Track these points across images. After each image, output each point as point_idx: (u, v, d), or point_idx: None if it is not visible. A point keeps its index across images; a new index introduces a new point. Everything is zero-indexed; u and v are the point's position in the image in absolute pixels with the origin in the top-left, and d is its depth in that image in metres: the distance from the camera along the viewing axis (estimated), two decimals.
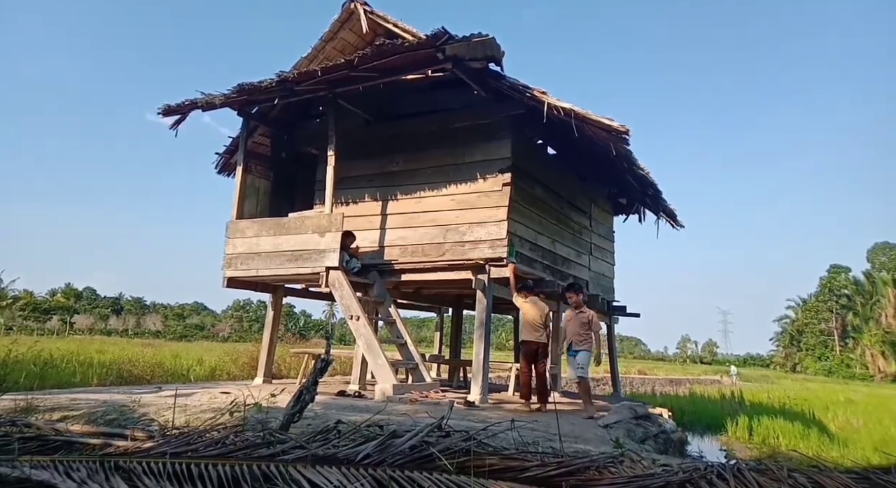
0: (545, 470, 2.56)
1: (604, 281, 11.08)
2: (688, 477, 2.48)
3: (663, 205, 10.67)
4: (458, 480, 2.49)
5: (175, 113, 8.21)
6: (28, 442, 3.30)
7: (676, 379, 28.69)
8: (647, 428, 7.28)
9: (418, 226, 8.11)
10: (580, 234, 10.11)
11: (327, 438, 3.17)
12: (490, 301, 7.56)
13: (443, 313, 12.74)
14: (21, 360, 10.23)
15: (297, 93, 7.65)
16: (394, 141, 8.63)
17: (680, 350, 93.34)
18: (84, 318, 63.18)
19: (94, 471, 2.81)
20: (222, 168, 10.26)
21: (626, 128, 6.51)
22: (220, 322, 72.95)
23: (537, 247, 8.47)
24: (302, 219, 8.21)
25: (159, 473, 2.74)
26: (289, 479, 2.61)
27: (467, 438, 2.96)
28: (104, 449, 3.23)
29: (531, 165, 8.48)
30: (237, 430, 3.39)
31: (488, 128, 7.85)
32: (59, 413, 5.23)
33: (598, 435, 5.41)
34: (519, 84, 6.88)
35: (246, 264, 8.22)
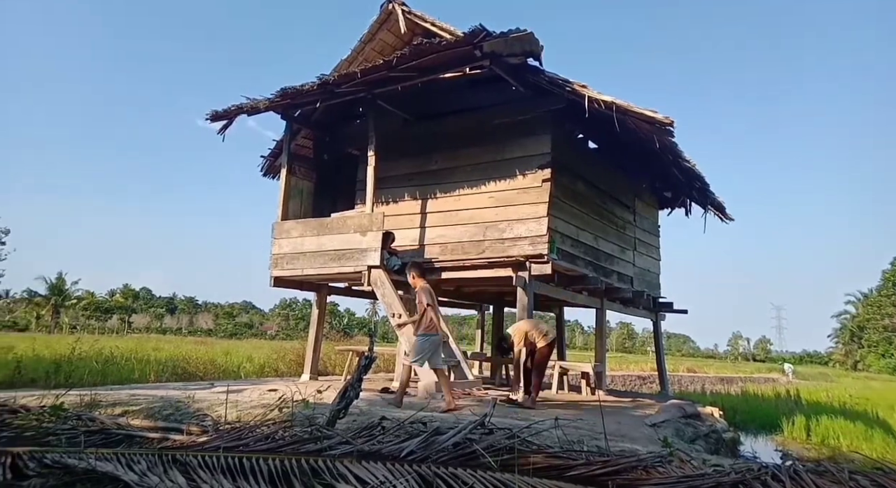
0: (591, 468, 2.53)
1: (649, 277, 10.82)
2: (740, 477, 2.40)
3: (711, 198, 10.33)
4: (502, 477, 2.49)
5: (222, 118, 8.50)
6: (93, 436, 3.49)
7: (728, 378, 27.72)
8: (697, 428, 7.09)
9: (457, 224, 8.13)
10: (624, 230, 9.91)
11: (372, 434, 3.22)
12: (531, 298, 7.50)
13: (484, 310, 12.72)
14: (85, 358, 10.82)
15: (337, 95, 7.78)
16: (432, 139, 8.67)
17: (731, 347, 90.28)
18: (141, 317, 66.20)
19: (153, 464, 2.95)
20: (267, 170, 10.54)
21: (670, 119, 6.34)
22: (267, 320, 75.07)
23: (579, 243, 8.35)
24: (344, 218, 8.35)
25: (213, 467, 2.85)
26: (336, 474, 2.67)
27: (511, 436, 2.95)
28: (162, 442, 3.38)
29: (572, 160, 8.36)
30: (286, 426, 3.49)
31: (527, 124, 7.78)
32: (120, 408, 5.50)
33: (645, 434, 5.30)
34: (558, 78, 6.79)
35: (291, 264, 8.43)
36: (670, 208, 11.59)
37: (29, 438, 3.39)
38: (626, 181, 10.17)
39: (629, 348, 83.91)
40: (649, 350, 41.47)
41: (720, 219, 11.05)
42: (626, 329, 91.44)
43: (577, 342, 77.85)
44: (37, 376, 8.87)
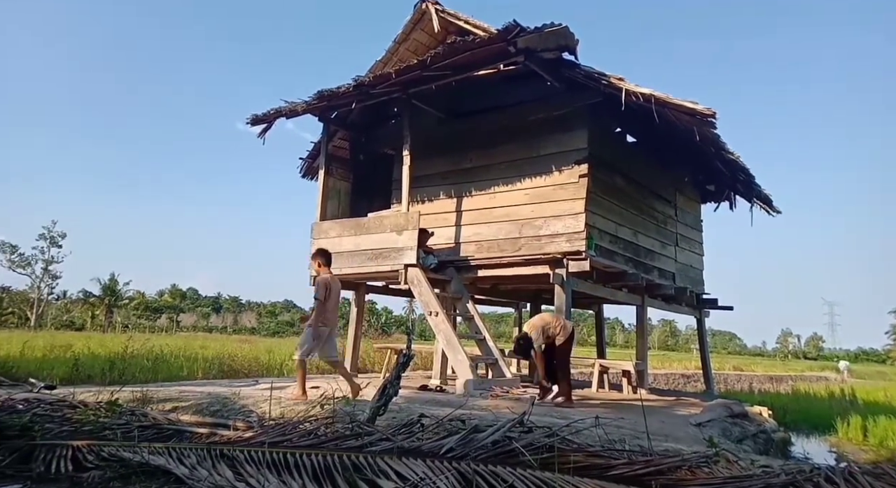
0: (633, 468, 2.49)
1: (692, 273, 10.54)
2: (791, 479, 2.32)
3: (757, 191, 9.97)
4: (542, 476, 2.47)
5: (262, 122, 8.71)
6: (145, 430, 3.65)
7: (777, 376, 26.77)
8: (745, 428, 6.88)
9: (493, 222, 8.10)
10: (664, 224, 9.68)
11: (411, 431, 3.26)
12: (569, 295, 7.41)
13: (521, 308, 12.64)
14: (136, 355, 11.27)
15: (372, 96, 7.87)
16: (466, 137, 8.66)
17: (780, 345, 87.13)
18: (188, 316, 68.57)
19: (202, 458, 3.06)
20: (306, 172, 10.75)
21: (711, 111, 6.15)
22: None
23: (618, 239, 8.20)
24: (380, 218, 8.44)
25: (259, 461, 2.94)
26: (377, 470, 2.71)
27: (550, 434, 2.93)
28: (210, 437, 3.50)
29: (609, 155, 8.22)
30: (328, 422, 3.56)
31: (563, 119, 7.69)
32: (170, 404, 5.71)
33: (689, 434, 5.17)
34: (594, 72, 6.68)
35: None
36: (714, 202, 11.25)
37: (87, 432, 3.57)
38: (667, 175, 9.92)
39: (672, 346, 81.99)
40: (693, 348, 40.39)
41: (767, 212, 10.66)
42: (668, 326, 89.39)
43: (617, 340, 76.57)
44: (93, 373, 9.30)
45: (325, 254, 6.68)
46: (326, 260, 6.63)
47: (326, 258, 6.64)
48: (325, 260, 6.60)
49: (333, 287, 6.39)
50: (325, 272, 6.48)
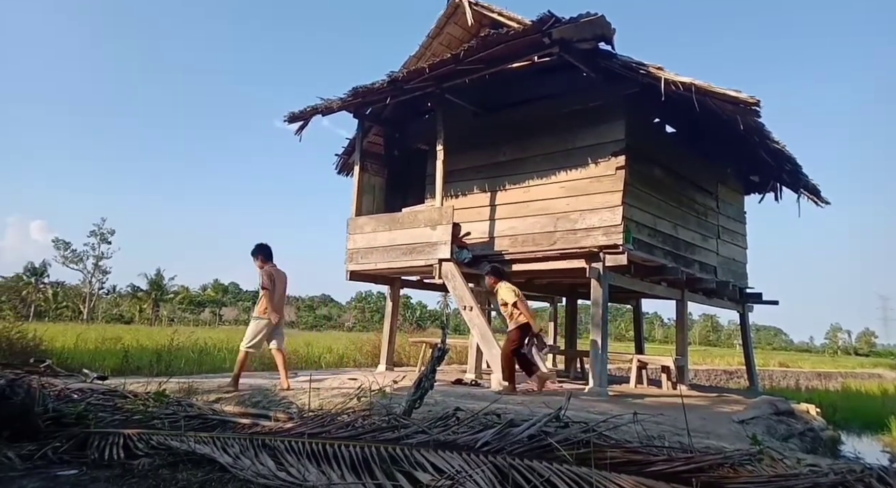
0: (673, 465, 2.45)
1: (735, 266, 10.24)
2: (840, 479, 2.24)
3: (804, 181, 9.60)
4: (578, 471, 2.46)
5: (298, 119, 8.87)
6: (192, 420, 3.78)
7: (826, 373, 25.77)
8: (791, 425, 6.66)
9: (528, 216, 8.04)
10: (706, 217, 9.42)
11: (447, 424, 3.28)
12: (606, 290, 7.31)
13: (556, 303, 12.53)
14: (182, 348, 11.69)
15: (406, 91, 7.90)
16: (501, 131, 8.61)
17: (829, 340, 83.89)
18: (230, 310, 70.58)
19: (245, 448, 3.15)
20: (341, 168, 10.90)
21: (755, 99, 5.94)
22: (344, 312, 77.75)
23: (657, 232, 8.03)
24: (414, 213, 8.49)
25: (299, 451, 3.01)
26: (413, 462, 2.74)
27: (587, 430, 2.91)
28: (252, 428, 3.61)
29: (647, 146, 8.04)
30: (365, 414, 3.62)
31: (599, 110, 7.56)
32: (214, 395, 5.91)
33: (732, 431, 5.04)
34: (632, 61, 6.54)
35: (366, 258, 8.68)
36: (759, 193, 10.88)
37: (137, 421, 3.72)
38: (708, 166, 9.64)
39: (713, 341, 79.96)
40: (736, 343, 39.21)
41: (815, 203, 10.25)
42: (710, 321, 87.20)
43: (656, 335, 75.12)
44: (141, 365, 9.69)
45: (264, 248, 6.76)
46: (267, 254, 6.73)
47: (266, 252, 6.73)
48: (265, 254, 6.72)
49: (278, 278, 6.56)
50: (267, 266, 6.61)
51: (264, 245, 6.80)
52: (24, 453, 3.19)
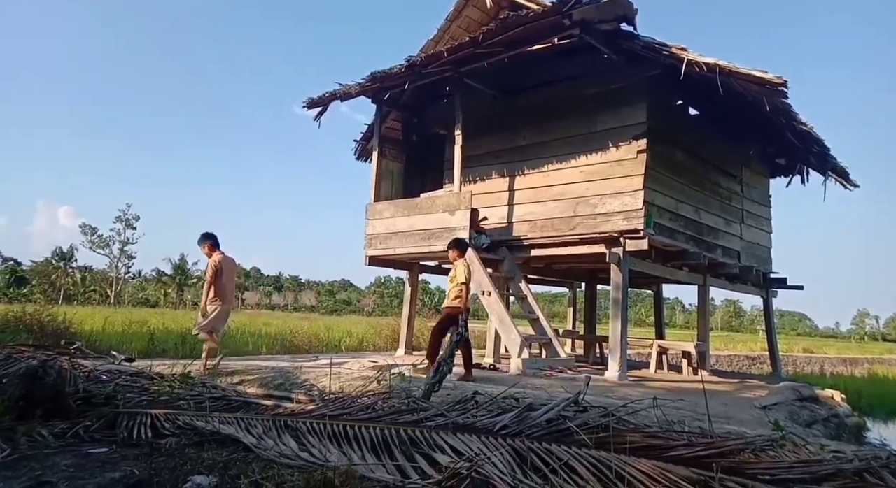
0: (693, 449, 2.44)
1: (759, 250, 10.05)
2: (865, 465, 2.21)
3: (832, 163, 9.34)
4: (597, 455, 2.46)
5: (317, 105, 8.89)
6: (216, 402, 3.87)
7: (852, 359, 25.28)
8: (815, 412, 6.58)
9: (547, 201, 7.98)
10: (729, 201, 9.24)
11: (465, 408, 3.30)
12: (626, 275, 7.25)
13: (575, 288, 12.47)
14: None
15: (424, 75, 7.85)
16: (520, 115, 8.52)
17: (856, 326, 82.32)
18: (252, 295, 71.72)
19: (268, 429, 3.22)
20: (360, 154, 10.91)
21: (782, 79, 5.78)
22: (364, 297, 78.47)
23: (679, 216, 7.91)
24: (433, 198, 8.48)
25: (321, 433, 3.06)
26: (433, 444, 2.77)
27: (606, 414, 2.91)
28: (275, 409, 3.68)
29: (670, 129, 7.89)
30: (385, 397, 3.67)
31: (620, 93, 7.42)
32: (238, 377, 6.03)
33: (754, 417, 5.00)
34: (654, 42, 6.39)
35: (384, 243, 8.72)
36: (785, 176, 10.62)
37: (164, 402, 3.82)
38: (732, 149, 9.44)
39: (736, 326, 78.97)
40: (759, 328, 38.68)
41: (843, 185, 9.98)
42: (732, 306, 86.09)
43: (677, 320, 74.47)
44: (167, 347, 9.92)
45: (210, 237, 6.86)
46: (214, 242, 6.83)
47: (214, 241, 6.84)
48: (213, 242, 6.81)
49: (226, 265, 6.67)
50: (216, 254, 6.73)
51: (210, 233, 6.93)
52: (57, 431, 3.30)
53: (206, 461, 2.83)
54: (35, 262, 59.98)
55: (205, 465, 2.76)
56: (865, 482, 2.12)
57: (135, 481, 2.57)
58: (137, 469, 2.75)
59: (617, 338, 7.16)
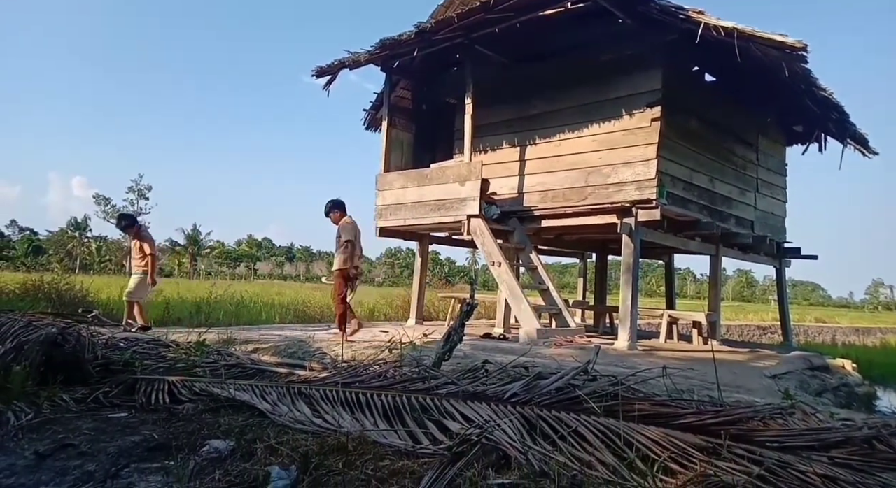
0: (702, 417, 2.46)
1: (773, 220, 9.93)
2: (874, 433, 2.21)
3: (851, 130, 9.11)
4: (606, 423, 2.49)
5: (326, 73, 8.77)
6: (231, 369, 3.95)
7: (864, 329, 25.17)
8: (825, 381, 6.59)
9: (558, 171, 7.89)
10: (744, 170, 9.09)
11: (476, 376, 3.34)
12: (638, 245, 7.20)
13: (586, 259, 12.44)
14: (220, 301, 12.11)
15: (434, 42, 7.70)
16: (531, 83, 8.36)
17: (870, 295, 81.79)
18: (264, 265, 72.48)
19: (282, 395, 3.29)
20: (369, 124, 10.81)
21: (802, 43, 5.61)
22: (375, 268, 79.00)
23: (692, 186, 7.80)
24: (443, 169, 8.42)
25: (334, 400, 3.12)
26: (443, 412, 2.82)
27: (615, 383, 2.93)
28: (289, 377, 3.75)
29: (685, 96, 7.71)
30: (396, 366, 3.72)
31: (634, 59, 7.24)
32: (252, 345, 6.14)
33: (763, 386, 5.02)
34: (671, 5, 6.20)
35: (394, 214, 8.71)
36: (802, 144, 10.40)
37: (180, 369, 3.91)
38: (749, 116, 9.23)
39: (748, 297, 78.79)
40: (771, 299, 38.49)
41: (862, 153, 9.76)
42: (744, 277, 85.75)
43: (688, 291, 74.37)
44: (182, 316, 10.10)
45: (130, 217, 8.48)
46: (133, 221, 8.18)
47: (132, 220, 8.22)
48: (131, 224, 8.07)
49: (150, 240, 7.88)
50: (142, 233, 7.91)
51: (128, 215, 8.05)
52: (78, 396, 3.39)
53: (223, 426, 2.90)
54: (51, 232, 60.85)
55: (221, 430, 2.84)
56: (874, 449, 2.14)
57: (154, 445, 2.65)
58: (156, 433, 2.83)
59: (627, 307, 7.17)
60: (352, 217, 7.01)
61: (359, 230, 6.97)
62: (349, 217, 7.00)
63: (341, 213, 6.93)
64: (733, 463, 2.10)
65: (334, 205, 7.02)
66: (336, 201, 7.07)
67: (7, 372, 3.37)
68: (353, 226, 6.81)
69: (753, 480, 1.96)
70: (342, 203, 7.06)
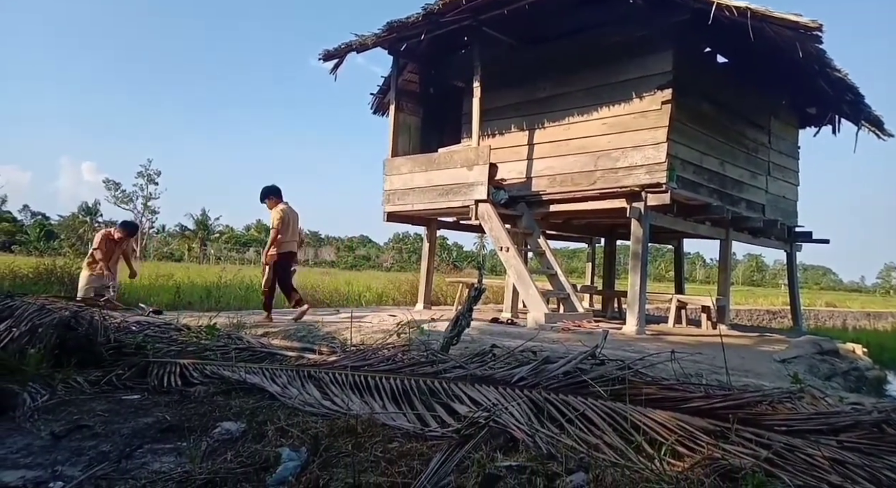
0: (709, 401, 2.46)
1: (784, 204, 9.82)
2: (884, 417, 2.21)
3: (865, 112, 8.95)
4: (613, 406, 2.50)
5: (333, 57, 8.71)
6: (241, 352, 3.99)
7: (875, 313, 24.94)
8: (835, 365, 6.57)
9: (567, 155, 7.83)
10: (756, 153, 8.97)
11: (483, 360, 3.36)
12: (647, 230, 7.16)
13: (594, 243, 12.39)
14: (229, 285, 12.20)
15: (442, 25, 7.61)
16: (540, 65, 8.26)
17: (882, 280, 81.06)
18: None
19: (292, 379, 3.32)
20: (377, 108, 10.74)
21: (817, 23, 5.49)
22: (383, 253, 79.24)
23: (703, 169, 7.72)
24: (450, 153, 8.38)
25: (343, 383, 3.15)
26: (451, 395, 2.84)
27: (623, 367, 2.93)
28: (298, 360, 3.79)
29: (696, 79, 7.59)
30: (404, 350, 3.74)
31: (645, 41, 7.12)
32: (261, 329, 6.19)
33: (772, 370, 5.01)
34: None
35: (402, 199, 8.70)
36: (815, 127, 10.23)
37: (191, 352, 3.96)
38: (761, 98, 9.08)
39: (757, 281, 78.38)
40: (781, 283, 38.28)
41: (877, 135, 9.58)
42: (754, 261, 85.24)
43: (697, 275, 74.02)
44: (192, 300, 10.19)
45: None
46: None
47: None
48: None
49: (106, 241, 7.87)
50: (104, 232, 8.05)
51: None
52: (92, 378, 3.45)
53: (234, 408, 2.94)
54: (62, 217, 61.38)
55: (233, 412, 2.88)
56: (884, 433, 2.13)
57: (167, 426, 2.70)
58: (169, 415, 2.87)
59: (636, 292, 7.15)
60: (287, 203, 7.10)
61: (294, 215, 7.08)
62: (284, 203, 7.07)
63: (276, 200, 7.04)
64: (741, 446, 2.10)
65: (269, 191, 7.12)
66: (270, 188, 7.16)
67: (22, 354, 3.43)
68: (284, 212, 6.91)
69: (761, 463, 1.96)
70: (277, 189, 7.15)
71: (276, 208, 6.94)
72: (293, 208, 7.13)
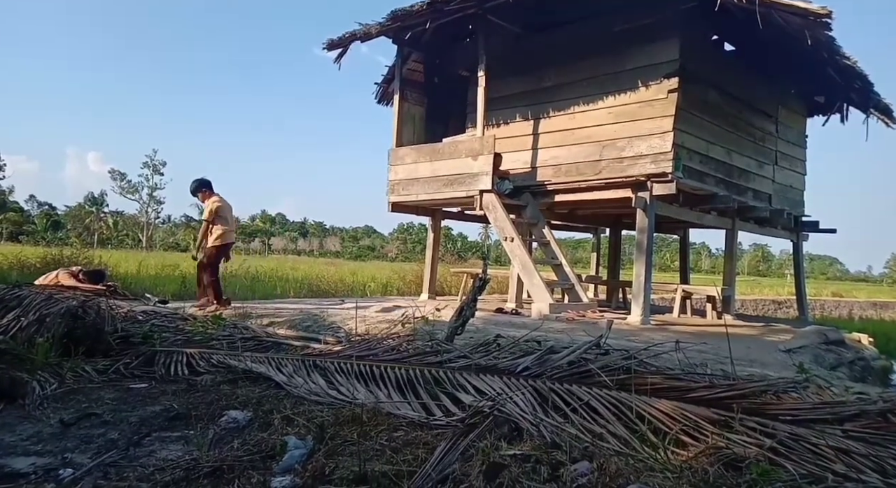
0: (714, 391, 2.46)
1: (791, 193, 9.75)
2: (889, 406, 2.20)
3: (875, 100, 8.84)
4: (618, 396, 2.50)
5: (337, 46, 8.66)
6: (247, 342, 4.02)
7: (882, 303, 24.83)
8: (841, 355, 6.55)
9: (572, 145, 7.78)
10: (763, 142, 8.89)
11: (488, 350, 3.37)
12: (652, 220, 7.13)
13: (599, 233, 12.35)
14: (235, 275, 12.26)
15: (447, 13, 7.54)
16: (545, 54, 8.19)
17: (889, 269, 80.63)
18: (278, 240, 73.06)
19: (297, 368, 3.34)
20: (381, 98, 10.70)
21: (826, 10, 5.41)
22: (387, 243, 79.36)
23: (709, 159, 7.66)
24: (455, 143, 8.35)
25: (348, 372, 3.17)
26: (456, 384, 2.85)
27: (627, 357, 2.94)
28: (304, 350, 3.81)
29: (703, 67, 7.51)
30: (409, 339, 3.76)
31: (651, 29, 7.05)
32: (267, 319, 6.22)
33: (778, 360, 5.00)
34: None
35: (407, 189, 8.69)
36: (823, 115, 10.13)
37: (198, 342, 3.98)
38: (769, 87, 8.98)
39: (763, 271, 78.12)
40: (787, 273, 38.06)
41: (886, 123, 9.47)
42: (760, 251, 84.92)
43: (702, 265, 73.84)
44: (198, 290, 10.23)
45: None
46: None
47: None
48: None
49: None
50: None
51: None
52: (99, 367, 3.48)
53: (241, 397, 2.97)
54: (69, 207, 61.75)
55: (239, 401, 2.90)
56: (889, 422, 2.13)
57: (174, 414, 2.72)
58: (176, 403, 2.90)
59: (641, 282, 7.14)
60: (219, 195, 7.26)
61: (227, 206, 7.25)
62: (216, 196, 7.22)
63: (208, 192, 7.22)
64: (745, 435, 2.11)
65: (200, 184, 7.29)
66: (202, 181, 7.32)
67: (31, 343, 3.46)
68: (216, 204, 7.08)
69: (765, 452, 1.97)
70: (208, 182, 7.33)
71: (210, 199, 7.12)
72: (226, 199, 7.29)
